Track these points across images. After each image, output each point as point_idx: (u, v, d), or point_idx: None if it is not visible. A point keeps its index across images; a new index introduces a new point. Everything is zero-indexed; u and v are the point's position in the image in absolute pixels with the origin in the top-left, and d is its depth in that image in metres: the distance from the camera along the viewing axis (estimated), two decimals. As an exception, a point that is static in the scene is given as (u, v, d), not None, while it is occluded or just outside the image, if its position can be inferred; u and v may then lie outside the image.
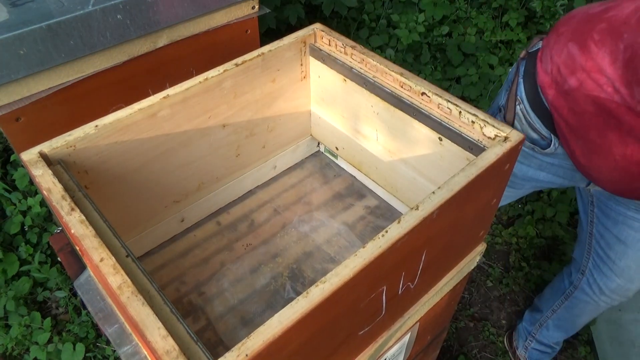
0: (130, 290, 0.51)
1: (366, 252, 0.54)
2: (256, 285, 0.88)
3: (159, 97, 0.75)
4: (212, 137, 0.87)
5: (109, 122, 0.71)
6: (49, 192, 0.61)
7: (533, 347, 1.63)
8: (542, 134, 1.08)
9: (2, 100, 0.88)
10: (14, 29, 0.82)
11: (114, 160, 0.75)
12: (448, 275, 0.84)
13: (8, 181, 1.88)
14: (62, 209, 0.59)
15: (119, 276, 0.52)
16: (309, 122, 1.06)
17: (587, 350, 1.74)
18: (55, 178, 0.63)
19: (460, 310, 1.84)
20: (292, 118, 1.01)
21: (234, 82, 0.84)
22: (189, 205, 0.94)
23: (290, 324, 0.48)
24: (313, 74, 0.96)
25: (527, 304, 1.89)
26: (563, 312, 1.49)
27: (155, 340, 0.46)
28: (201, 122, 0.83)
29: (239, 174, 0.99)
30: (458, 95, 2.26)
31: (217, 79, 0.81)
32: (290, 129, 1.02)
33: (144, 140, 0.77)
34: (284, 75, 0.92)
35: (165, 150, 0.81)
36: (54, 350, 1.61)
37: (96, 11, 0.89)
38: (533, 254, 2.00)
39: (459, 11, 2.36)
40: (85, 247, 0.55)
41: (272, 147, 1.01)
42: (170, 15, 0.98)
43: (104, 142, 0.72)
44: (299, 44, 0.90)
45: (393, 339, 0.79)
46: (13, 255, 1.76)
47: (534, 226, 2.02)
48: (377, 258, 0.54)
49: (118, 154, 0.75)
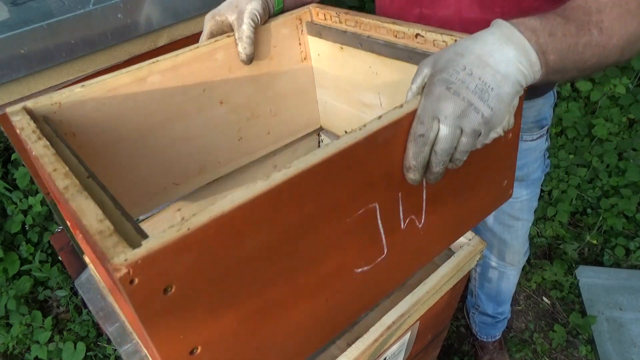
0: (76, 189, 0.45)
1: (339, 143, 0.49)
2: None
3: (147, 62, 0.74)
4: (210, 113, 0.85)
5: (95, 82, 0.69)
6: (21, 131, 0.56)
7: (479, 320, 1.65)
8: None
9: (2, 99, 0.88)
10: (15, 28, 0.82)
11: (104, 124, 0.71)
12: (448, 273, 0.83)
13: (9, 180, 1.89)
14: (29, 139, 0.54)
15: (68, 180, 0.47)
16: (316, 111, 1.04)
17: (587, 349, 1.74)
18: (31, 120, 0.58)
19: (460, 309, 1.84)
20: (298, 104, 0.99)
21: (227, 55, 0.82)
22: (189, 193, 0.92)
23: (244, 203, 0.42)
24: (313, 53, 0.96)
25: (528, 304, 1.89)
26: (480, 279, 1.52)
27: (90, 223, 0.41)
28: (196, 95, 0.81)
29: (243, 160, 0.97)
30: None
31: (208, 49, 0.79)
32: (297, 115, 1.00)
33: (135, 107, 0.74)
34: (282, 54, 0.91)
35: (160, 121, 0.79)
36: (54, 349, 1.61)
37: (97, 10, 0.89)
38: (534, 253, 2.00)
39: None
40: (42, 163, 0.50)
41: (278, 134, 0.99)
42: (171, 14, 0.98)
43: (91, 103, 0.69)
44: (294, 20, 0.90)
45: (393, 338, 0.79)
46: (14, 255, 1.77)
47: (534, 225, 2.02)
48: (351, 148, 0.49)
49: (107, 117, 0.72)
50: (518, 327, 1.83)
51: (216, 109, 0.86)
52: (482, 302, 1.58)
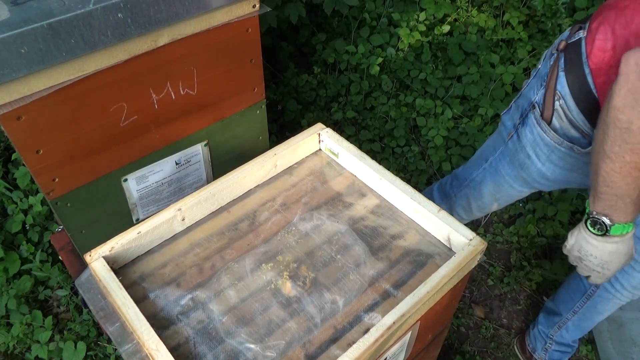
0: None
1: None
2: (257, 284, 0.88)
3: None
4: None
5: None
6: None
7: (554, 349, 1.61)
8: (584, 131, 1.03)
9: (3, 98, 0.88)
10: (15, 28, 0.82)
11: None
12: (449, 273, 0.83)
13: (9, 180, 1.88)
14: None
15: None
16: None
17: (588, 349, 1.74)
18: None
19: (461, 308, 1.84)
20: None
21: None
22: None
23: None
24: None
25: (528, 303, 1.89)
26: (585, 312, 1.46)
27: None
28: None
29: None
30: (459, 94, 2.26)
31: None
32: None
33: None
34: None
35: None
36: (55, 349, 1.61)
37: (97, 10, 0.88)
38: (534, 253, 2.00)
39: (460, 10, 2.36)
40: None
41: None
42: (171, 13, 0.98)
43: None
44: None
45: (394, 338, 0.79)
46: (14, 254, 1.76)
47: (535, 225, 2.02)
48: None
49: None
50: (518, 327, 1.83)
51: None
52: (568, 332, 1.54)
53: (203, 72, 1.13)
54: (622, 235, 0.96)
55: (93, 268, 0.84)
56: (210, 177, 1.34)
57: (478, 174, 1.43)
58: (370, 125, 2.28)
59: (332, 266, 0.90)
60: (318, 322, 0.83)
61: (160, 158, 1.20)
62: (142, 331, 0.76)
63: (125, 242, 0.88)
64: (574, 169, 1.12)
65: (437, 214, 0.93)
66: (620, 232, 0.95)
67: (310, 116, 2.31)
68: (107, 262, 0.85)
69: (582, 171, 1.12)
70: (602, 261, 1.00)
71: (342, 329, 0.82)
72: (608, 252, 0.98)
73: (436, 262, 0.91)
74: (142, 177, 1.19)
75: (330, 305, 0.85)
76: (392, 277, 0.89)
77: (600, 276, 1.03)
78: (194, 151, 1.25)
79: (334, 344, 0.80)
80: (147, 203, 1.25)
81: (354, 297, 0.86)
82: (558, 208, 2.01)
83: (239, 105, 1.26)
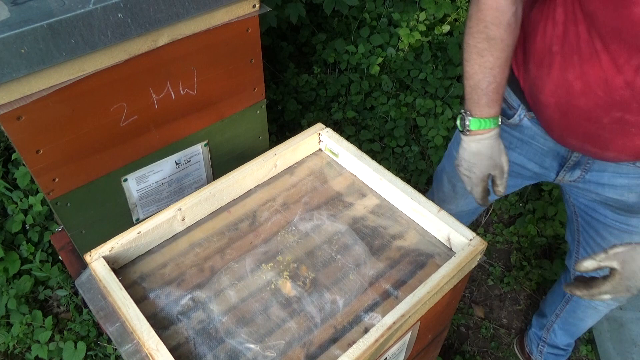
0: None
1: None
2: (257, 284, 0.88)
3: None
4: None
5: None
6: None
7: (547, 351, 1.62)
8: (509, 103, 1.06)
9: (3, 98, 0.88)
10: (15, 28, 0.82)
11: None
12: (449, 274, 0.83)
13: (9, 180, 1.88)
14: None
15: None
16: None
17: (588, 349, 1.74)
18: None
19: (461, 308, 1.84)
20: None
21: None
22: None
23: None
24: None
25: (528, 303, 1.89)
26: (566, 316, 1.48)
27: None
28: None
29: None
30: (459, 94, 2.26)
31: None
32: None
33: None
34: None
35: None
36: (55, 349, 1.61)
37: (97, 10, 0.89)
38: (534, 253, 2.00)
39: (460, 10, 2.36)
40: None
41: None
42: (171, 13, 0.98)
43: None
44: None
45: (394, 338, 0.79)
46: (14, 254, 1.76)
47: (535, 225, 2.02)
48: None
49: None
50: (518, 327, 1.83)
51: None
52: (556, 335, 1.55)
53: (203, 72, 1.13)
54: (482, 133, 0.97)
55: (93, 268, 0.84)
56: (210, 177, 1.34)
57: (441, 164, 1.41)
58: (370, 125, 2.28)
59: (332, 266, 0.90)
60: (318, 322, 0.83)
61: (160, 158, 1.20)
62: (142, 331, 0.76)
63: (125, 242, 0.88)
64: (511, 146, 1.11)
65: (437, 214, 0.93)
66: (477, 126, 0.97)
67: (310, 116, 2.31)
68: (107, 262, 0.85)
69: (520, 150, 1.11)
70: (468, 163, 1.01)
71: (342, 329, 0.82)
72: (472, 153, 1.00)
73: (436, 262, 0.91)
74: (142, 177, 1.19)
75: (330, 305, 0.85)
76: (392, 277, 0.89)
77: (468, 182, 1.04)
78: (194, 151, 1.25)
79: (334, 344, 0.80)
80: (147, 203, 1.25)
81: (354, 297, 0.86)
82: (558, 208, 2.01)
83: (239, 105, 1.26)
